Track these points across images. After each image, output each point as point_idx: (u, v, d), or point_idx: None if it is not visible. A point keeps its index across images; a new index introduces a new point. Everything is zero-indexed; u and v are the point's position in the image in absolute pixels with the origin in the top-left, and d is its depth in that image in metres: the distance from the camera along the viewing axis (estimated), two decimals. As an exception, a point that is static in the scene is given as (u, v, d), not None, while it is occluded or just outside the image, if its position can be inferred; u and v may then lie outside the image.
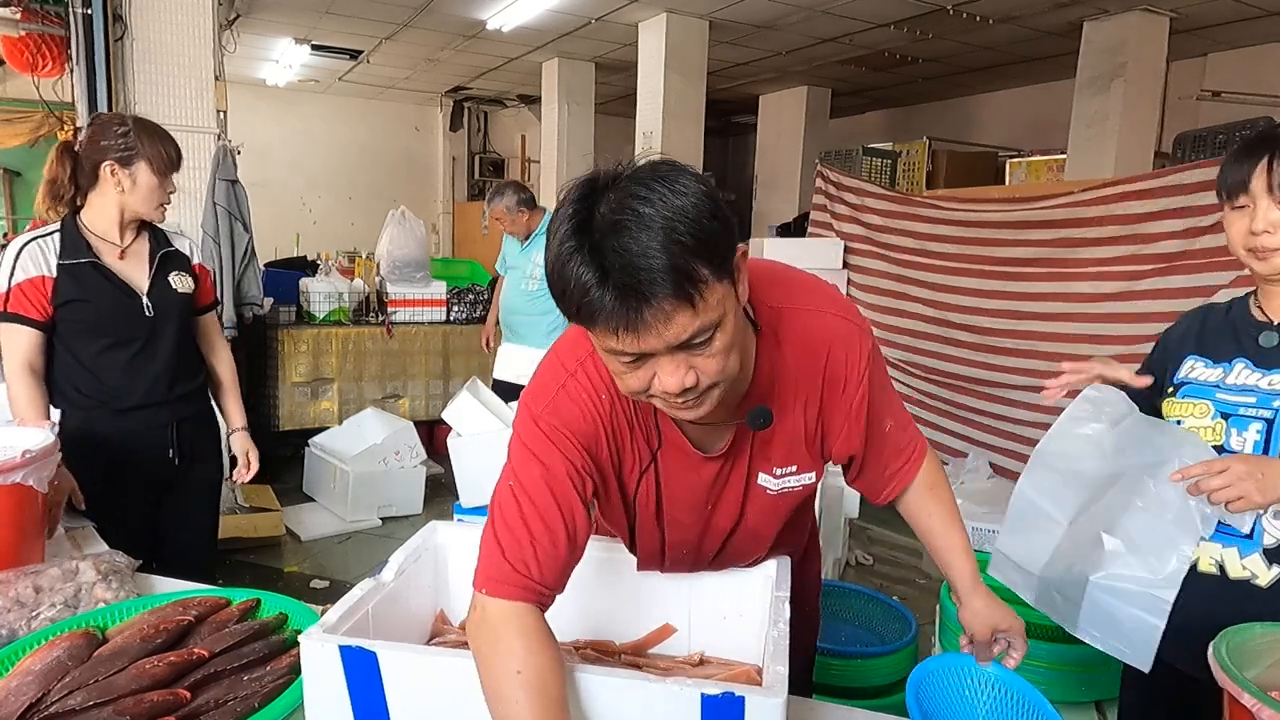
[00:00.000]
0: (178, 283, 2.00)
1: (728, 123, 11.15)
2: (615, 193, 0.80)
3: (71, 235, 1.90)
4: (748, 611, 1.23)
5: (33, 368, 1.87)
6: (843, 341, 1.05)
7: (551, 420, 1.00)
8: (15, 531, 1.44)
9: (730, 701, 0.86)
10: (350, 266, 5.63)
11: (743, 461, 1.09)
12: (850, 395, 1.06)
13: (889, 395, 1.14)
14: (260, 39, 7.73)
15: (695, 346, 0.85)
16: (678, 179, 0.81)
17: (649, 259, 0.77)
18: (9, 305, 1.84)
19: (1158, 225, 3.55)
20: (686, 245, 0.78)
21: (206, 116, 3.99)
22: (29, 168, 8.03)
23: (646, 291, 0.78)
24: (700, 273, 0.80)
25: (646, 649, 1.30)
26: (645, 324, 0.80)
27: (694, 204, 0.80)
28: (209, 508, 2.19)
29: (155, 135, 1.92)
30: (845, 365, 1.05)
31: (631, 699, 0.91)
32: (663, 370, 0.86)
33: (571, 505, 0.98)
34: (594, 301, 0.79)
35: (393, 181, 10.70)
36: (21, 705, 1.04)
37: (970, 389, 4.39)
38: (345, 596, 1.09)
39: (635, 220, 0.78)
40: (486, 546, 0.97)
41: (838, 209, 5.16)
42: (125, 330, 1.91)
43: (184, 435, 2.04)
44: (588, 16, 6.79)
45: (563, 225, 0.81)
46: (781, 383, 1.03)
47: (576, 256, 0.79)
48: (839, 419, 1.08)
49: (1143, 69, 6.10)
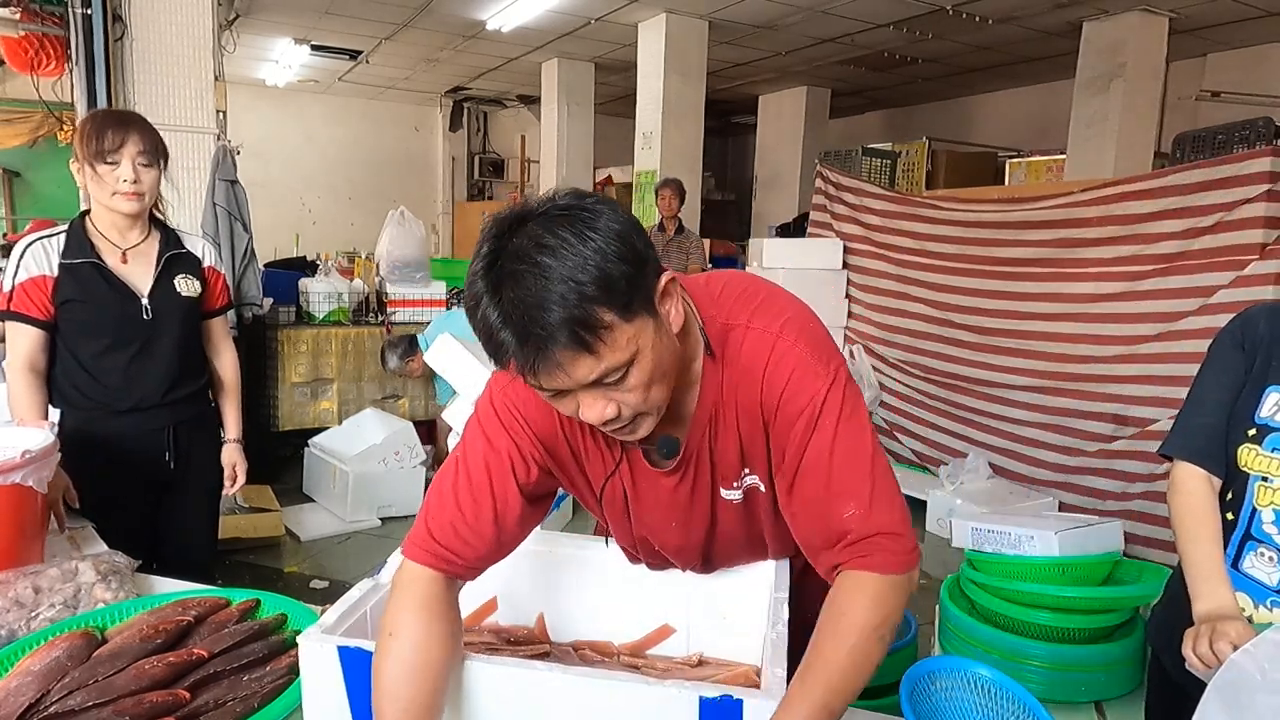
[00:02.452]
0: (183, 286, 1.96)
1: (728, 123, 11.16)
2: (521, 237, 0.80)
3: (77, 235, 1.88)
4: (746, 613, 1.22)
5: (34, 367, 1.85)
6: (785, 369, 0.94)
7: (507, 404, 1.02)
8: (15, 531, 1.44)
9: (728, 704, 0.85)
10: (350, 267, 5.63)
11: (704, 472, 1.05)
12: (788, 430, 0.95)
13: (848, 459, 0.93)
14: (260, 39, 7.73)
15: (609, 384, 0.85)
16: (588, 221, 0.81)
17: (544, 311, 0.78)
18: (12, 304, 1.83)
19: (1157, 225, 3.55)
20: (586, 294, 0.78)
21: (206, 117, 3.99)
22: (29, 168, 8.02)
23: (543, 343, 0.79)
24: (602, 319, 0.80)
25: (645, 650, 1.29)
26: (548, 371, 0.82)
27: (599, 248, 0.79)
28: (208, 509, 2.18)
29: (93, 123, 1.82)
30: (783, 395, 0.94)
31: (629, 701, 0.91)
32: (584, 403, 0.87)
33: (505, 487, 1.00)
34: (501, 344, 0.81)
35: (392, 181, 10.70)
36: (21, 705, 1.04)
37: (970, 389, 4.40)
38: (344, 597, 1.09)
39: (534, 271, 0.78)
40: (419, 514, 1.01)
41: (837, 209, 5.16)
42: (122, 332, 1.89)
43: (181, 438, 2.01)
44: (587, 16, 6.79)
45: (476, 263, 0.82)
46: (724, 402, 0.99)
47: (485, 298, 0.81)
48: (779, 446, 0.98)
49: (1142, 69, 6.10)
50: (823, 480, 0.93)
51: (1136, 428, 3.67)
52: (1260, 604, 1.20)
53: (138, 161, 1.82)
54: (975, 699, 1.15)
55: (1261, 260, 3.23)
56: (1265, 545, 1.19)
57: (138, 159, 1.82)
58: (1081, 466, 3.89)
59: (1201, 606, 1.16)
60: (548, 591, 1.33)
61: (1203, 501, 1.23)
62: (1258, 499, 1.19)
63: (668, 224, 5.60)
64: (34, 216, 6.27)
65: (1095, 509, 3.70)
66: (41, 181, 8.09)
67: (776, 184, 9.17)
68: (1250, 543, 1.21)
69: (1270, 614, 1.18)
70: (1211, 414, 1.25)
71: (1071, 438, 3.94)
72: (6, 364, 1.88)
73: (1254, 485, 1.19)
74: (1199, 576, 1.18)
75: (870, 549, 0.91)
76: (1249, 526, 1.20)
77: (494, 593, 1.33)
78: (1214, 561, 1.19)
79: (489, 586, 1.31)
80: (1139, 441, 3.65)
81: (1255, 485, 1.19)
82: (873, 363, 4.97)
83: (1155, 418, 3.59)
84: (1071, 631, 1.74)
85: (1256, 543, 1.20)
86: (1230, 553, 1.22)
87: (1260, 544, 1.19)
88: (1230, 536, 1.23)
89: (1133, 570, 1.91)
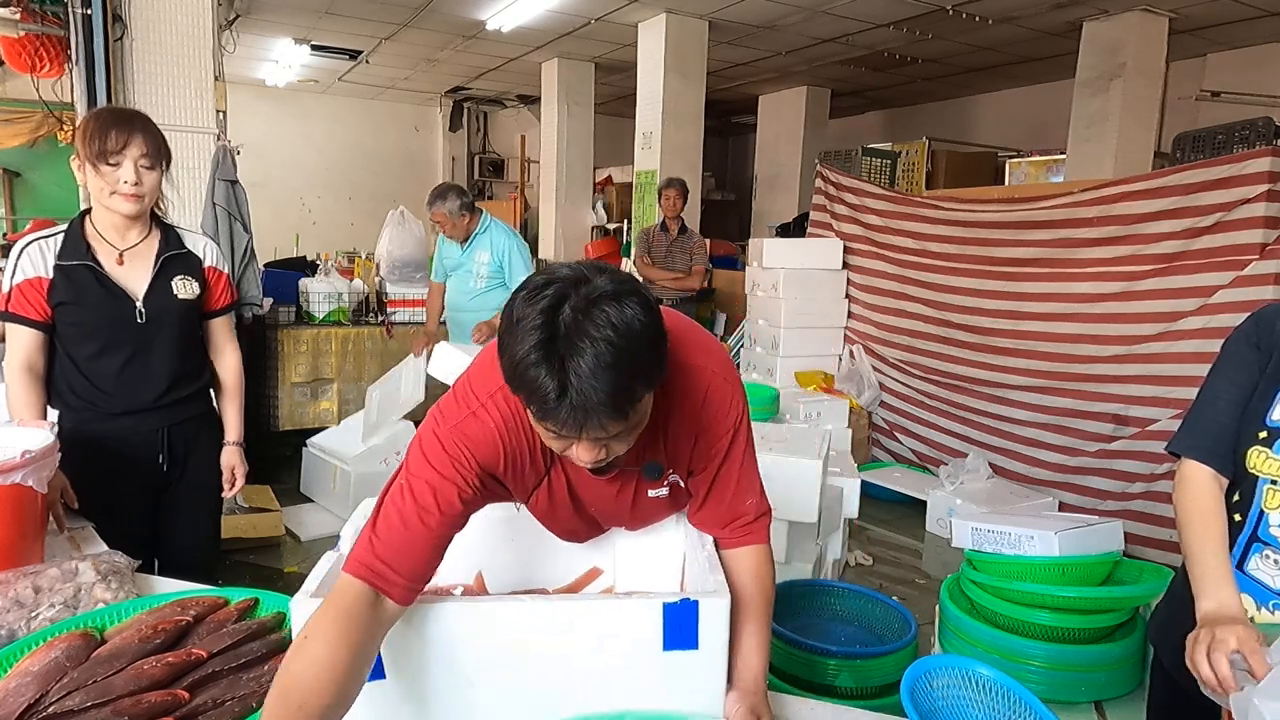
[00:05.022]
0: (180, 288, 1.93)
1: (728, 123, 11.16)
2: (578, 314, 0.90)
3: (74, 236, 1.85)
4: (664, 549, 1.39)
5: (32, 368, 1.84)
6: (718, 392, 1.17)
7: (454, 440, 1.09)
8: (15, 531, 1.44)
9: (687, 605, 1.04)
10: (350, 267, 5.64)
11: (631, 477, 1.22)
12: (714, 439, 1.18)
13: (745, 459, 1.22)
14: (260, 39, 7.73)
15: (613, 438, 0.98)
16: (630, 305, 0.92)
17: (600, 391, 0.89)
18: (10, 305, 1.81)
19: (1157, 225, 3.55)
20: (634, 374, 0.91)
21: (206, 117, 3.98)
22: (29, 168, 8.03)
23: (594, 415, 0.90)
24: (639, 394, 0.94)
25: (578, 591, 1.44)
26: (585, 432, 0.94)
27: (643, 334, 0.92)
28: (208, 511, 2.14)
29: (96, 121, 1.78)
30: (716, 412, 1.17)
31: (604, 617, 1.05)
32: (581, 449, 0.99)
33: (450, 514, 1.07)
34: (548, 408, 0.91)
35: (392, 181, 10.71)
36: (20, 706, 1.04)
37: (970, 389, 4.40)
38: (316, 568, 1.14)
39: (594, 352, 0.88)
40: (363, 533, 1.05)
41: (837, 209, 5.16)
42: (115, 336, 1.86)
43: (176, 440, 1.99)
44: (588, 16, 6.79)
45: (528, 334, 0.90)
46: (669, 426, 1.15)
47: (542, 368, 0.89)
48: (703, 455, 1.20)
49: (1142, 69, 6.10)
50: (734, 479, 1.21)
51: (1136, 428, 3.67)
52: (1263, 606, 1.19)
53: (140, 164, 1.79)
54: (975, 697, 1.15)
55: (1261, 260, 3.24)
56: (1272, 548, 1.18)
57: (140, 161, 1.79)
58: (1081, 466, 3.90)
59: (1205, 606, 1.16)
60: (482, 553, 1.44)
61: (1209, 500, 1.22)
62: (1266, 502, 1.18)
63: (670, 224, 5.58)
64: (34, 216, 6.26)
65: (1095, 509, 3.70)
66: (41, 181, 8.09)
67: (776, 184, 9.17)
68: (1256, 545, 1.20)
69: (1273, 616, 1.18)
70: (1222, 413, 1.24)
71: (1071, 438, 3.94)
72: (5, 364, 1.87)
73: (1263, 488, 1.18)
74: (1203, 576, 1.18)
75: (760, 528, 1.24)
76: (1256, 529, 1.20)
77: None
78: (1218, 561, 1.18)
79: None
80: (1139, 441, 3.65)
81: (1264, 488, 1.18)
82: (873, 363, 4.97)
83: (1155, 418, 3.59)
84: (1071, 631, 1.74)
85: (1263, 545, 1.20)
86: (1236, 554, 1.22)
87: (1267, 546, 1.19)
88: (1237, 538, 1.22)
89: (1133, 570, 1.91)
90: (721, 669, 1.08)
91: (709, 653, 1.05)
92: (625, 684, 1.06)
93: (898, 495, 4.37)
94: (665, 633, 1.04)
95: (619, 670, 1.06)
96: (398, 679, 1.04)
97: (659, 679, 1.06)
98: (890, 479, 4.49)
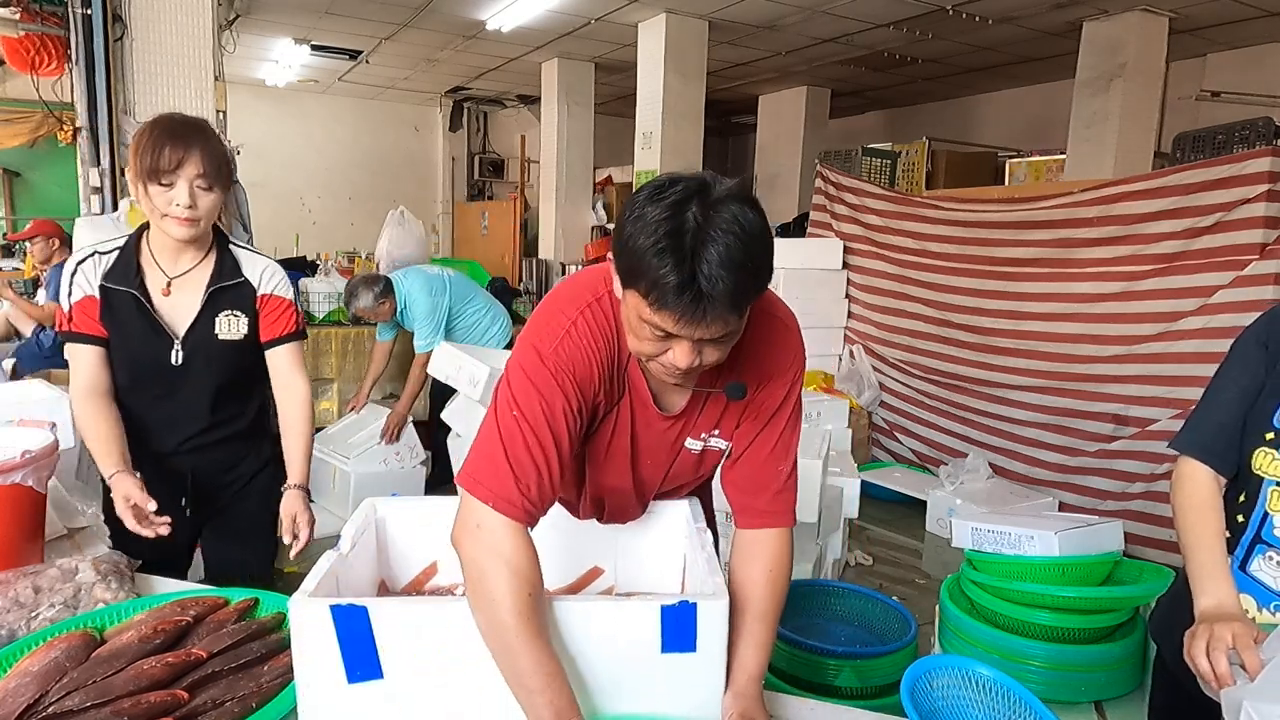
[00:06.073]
0: (225, 326, 1.73)
1: (728, 123, 11.15)
2: (708, 210, 0.91)
3: (127, 255, 1.69)
4: (666, 549, 1.39)
5: (98, 389, 1.67)
6: (791, 338, 1.20)
7: (556, 359, 1.08)
8: (15, 531, 1.44)
9: (685, 608, 1.03)
10: (350, 266, 5.64)
11: (688, 424, 1.22)
12: (776, 386, 1.18)
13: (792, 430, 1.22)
14: (260, 39, 7.73)
15: (715, 341, 0.98)
16: (751, 211, 0.93)
17: (728, 280, 0.90)
18: (72, 324, 1.67)
19: (1157, 225, 3.55)
20: (755, 272, 0.93)
21: (206, 117, 3.96)
22: (29, 168, 8.03)
23: (718, 305, 0.91)
24: (754, 294, 0.96)
25: (579, 591, 1.43)
26: (703, 325, 0.93)
27: (761, 237, 0.94)
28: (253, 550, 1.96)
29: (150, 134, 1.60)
30: (784, 365, 1.18)
31: (602, 619, 1.05)
32: (679, 350, 0.98)
33: (566, 440, 1.09)
34: (668, 296, 0.91)
35: (392, 181, 10.70)
36: (19, 706, 1.04)
37: (970, 389, 4.40)
38: (315, 568, 1.13)
39: (725, 243, 0.90)
40: (496, 468, 1.05)
41: (837, 209, 5.16)
42: (144, 374, 1.71)
43: (204, 481, 1.82)
44: (587, 16, 6.79)
45: (658, 225, 0.91)
46: (743, 360, 1.15)
47: (668, 256, 0.90)
48: (761, 401, 1.20)
49: (1142, 69, 6.10)
50: (776, 437, 1.20)
51: (1136, 428, 3.67)
52: (1265, 607, 1.19)
53: (196, 184, 1.59)
54: (975, 697, 1.15)
55: (1261, 260, 3.24)
56: (1275, 550, 1.18)
57: (196, 181, 1.59)
58: (1081, 466, 3.90)
59: (1203, 603, 1.16)
60: None
61: (1206, 498, 1.22)
62: (1271, 504, 1.18)
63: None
64: (34, 216, 6.26)
65: (1095, 509, 3.70)
66: (41, 181, 8.09)
67: (776, 184, 9.16)
68: (1260, 546, 1.20)
69: (1274, 617, 1.18)
70: (1226, 412, 1.23)
71: (1071, 438, 3.94)
72: (70, 391, 1.71)
73: (1268, 490, 1.18)
74: (1200, 573, 1.18)
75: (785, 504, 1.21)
76: (1260, 530, 1.20)
77: (434, 558, 1.39)
78: (1216, 558, 1.18)
79: (429, 553, 1.39)
80: (1139, 441, 3.65)
81: (1269, 490, 1.18)
82: (873, 363, 4.97)
83: (1155, 418, 3.59)
84: (1071, 631, 1.74)
85: (1266, 546, 1.19)
86: (1239, 555, 1.22)
87: (1270, 548, 1.19)
88: (1240, 539, 1.22)
89: (1133, 570, 1.91)
90: (720, 671, 1.08)
91: (707, 655, 1.05)
92: (623, 686, 1.06)
93: (898, 495, 4.37)
94: (663, 635, 1.04)
95: (617, 672, 1.06)
96: (397, 679, 1.04)
97: (657, 681, 1.06)
98: (890, 479, 4.49)
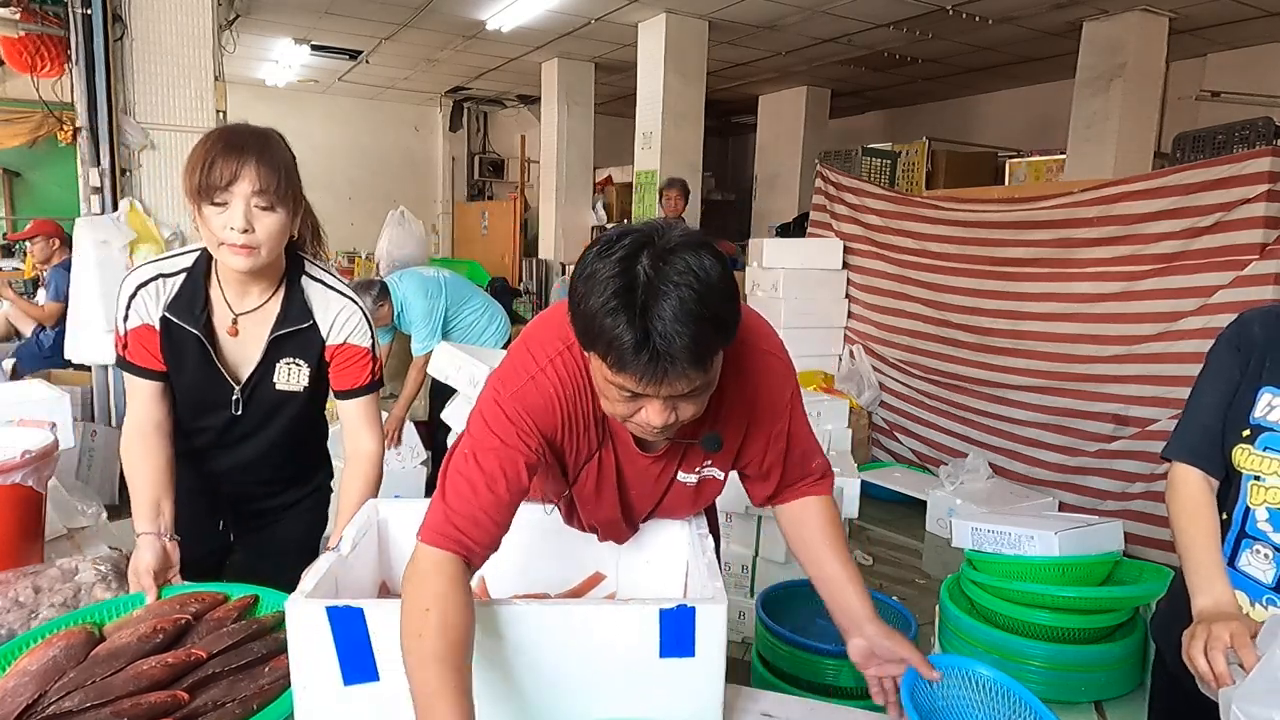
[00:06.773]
0: (285, 375, 1.52)
1: (728, 123, 11.15)
2: (658, 262, 0.89)
3: (195, 281, 1.47)
4: (668, 555, 1.39)
5: (156, 425, 1.50)
6: (777, 377, 1.20)
7: (515, 406, 1.09)
8: (15, 531, 1.44)
9: (684, 611, 1.03)
10: (350, 266, 5.64)
11: (673, 460, 1.22)
12: (775, 421, 1.21)
13: (805, 426, 1.28)
14: (260, 39, 7.73)
15: (685, 396, 0.97)
16: (707, 257, 0.91)
17: (684, 336, 0.87)
18: (127, 353, 1.48)
19: (1157, 225, 3.55)
20: (715, 323, 0.90)
21: (206, 117, 3.98)
22: (29, 168, 8.03)
23: (676, 363, 0.89)
24: (718, 345, 0.94)
25: (581, 596, 1.43)
26: (666, 383, 0.91)
27: (720, 286, 0.90)
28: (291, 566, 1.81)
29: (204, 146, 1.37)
30: (775, 397, 1.20)
31: (600, 623, 1.05)
32: (651, 409, 0.98)
33: (518, 482, 1.08)
34: (625, 357, 0.89)
35: (392, 181, 10.70)
36: (19, 706, 1.04)
37: (970, 389, 4.40)
38: (312, 568, 1.13)
39: (678, 296, 0.87)
40: (435, 504, 1.07)
41: (837, 209, 5.16)
42: (198, 421, 1.56)
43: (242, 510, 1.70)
44: (588, 16, 6.79)
45: (607, 284, 0.89)
46: (725, 406, 1.15)
47: (620, 315, 0.88)
48: (761, 440, 1.22)
49: (1142, 69, 6.10)
50: (799, 446, 1.26)
51: (1136, 428, 3.67)
52: (1256, 601, 1.20)
53: (254, 203, 1.35)
54: (975, 697, 1.15)
55: (1261, 260, 3.23)
56: (1260, 542, 1.20)
57: (255, 200, 1.35)
58: (1081, 466, 3.89)
59: (1200, 603, 1.18)
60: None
61: (1198, 501, 1.25)
62: (1251, 498, 1.20)
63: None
64: (34, 216, 6.25)
65: (1095, 509, 3.70)
66: (41, 181, 8.09)
67: (776, 184, 9.16)
68: (1246, 540, 1.22)
69: (1266, 611, 1.19)
70: (1209, 415, 1.27)
71: (1071, 438, 3.94)
72: (126, 423, 1.54)
73: (1248, 484, 1.21)
74: (1197, 574, 1.20)
75: (826, 484, 1.30)
76: (1243, 524, 1.22)
77: None
78: (1211, 558, 1.21)
79: None
80: (1139, 441, 3.65)
81: (1249, 484, 1.21)
82: (872, 363, 4.97)
83: (1155, 418, 3.59)
84: (1071, 631, 1.75)
85: (1251, 540, 1.21)
86: (1227, 551, 1.24)
87: (1255, 541, 1.21)
88: (1226, 535, 1.24)
89: (1133, 570, 1.91)
90: (718, 676, 1.07)
91: (706, 660, 1.05)
92: (622, 690, 1.06)
93: (898, 495, 4.37)
94: (662, 639, 1.03)
95: (615, 676, 1.06)
96: (393, 681, 1.03)
97: (655, 685, 1.05)
98: (890, 479, 4.49)
